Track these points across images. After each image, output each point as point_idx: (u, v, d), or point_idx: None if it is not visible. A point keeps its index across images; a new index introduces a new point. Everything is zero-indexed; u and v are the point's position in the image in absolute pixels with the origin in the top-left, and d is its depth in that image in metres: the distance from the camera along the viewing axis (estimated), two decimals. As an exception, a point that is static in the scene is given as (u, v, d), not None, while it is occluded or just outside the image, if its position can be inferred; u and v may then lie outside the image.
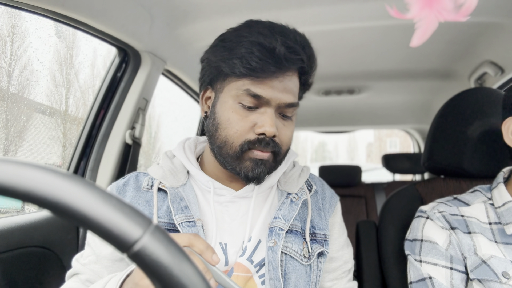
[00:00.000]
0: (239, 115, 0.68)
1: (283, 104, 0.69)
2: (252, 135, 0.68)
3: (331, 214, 0.83)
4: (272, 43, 0.64)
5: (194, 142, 0.86)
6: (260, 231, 0.73)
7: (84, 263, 0.73)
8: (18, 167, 0.26)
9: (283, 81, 0.68)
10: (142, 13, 1.16)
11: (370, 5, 1.17)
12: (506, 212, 0.79)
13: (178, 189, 0.75)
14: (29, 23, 1.29)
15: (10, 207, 1.23)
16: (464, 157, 1.00)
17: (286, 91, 0.68)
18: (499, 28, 1.29)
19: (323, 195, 0.85)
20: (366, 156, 31.37)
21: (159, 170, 0.78)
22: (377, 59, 1.74)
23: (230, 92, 0.69)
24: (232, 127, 0.68)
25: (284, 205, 0.76)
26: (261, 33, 0.65)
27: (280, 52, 0.64)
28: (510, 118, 0.79)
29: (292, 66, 0.68)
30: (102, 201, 0.27)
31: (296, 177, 0.83)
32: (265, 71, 0.64)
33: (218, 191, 0.76)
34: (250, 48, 0.64)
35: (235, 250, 0.72)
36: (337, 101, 2.51)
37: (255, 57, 0.64)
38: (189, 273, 0.27)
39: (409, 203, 1.06)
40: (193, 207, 0.73)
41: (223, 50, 0.69)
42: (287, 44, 0.65)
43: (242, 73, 0.65)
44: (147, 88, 1.39)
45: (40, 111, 1.52)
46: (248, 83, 0.66)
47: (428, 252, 0.82)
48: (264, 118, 0.67)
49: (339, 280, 0.82)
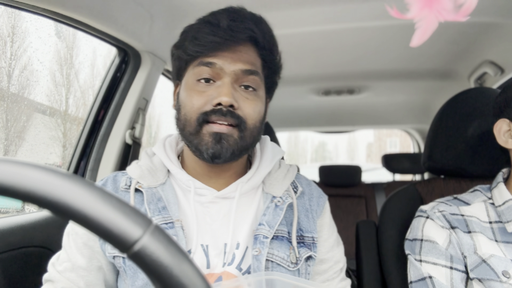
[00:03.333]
0: (197, 91, 0.69)
1: (239, 71, 0.68)
2: (208, 107, 0.67)
3: (320, 215, 0.80)
4: (218, 18, 0.68)
5: (175, 139, 0.83)
6: (247, 237, 0.71)
7: (60, 270, 0.71)
8: (18, 167, 0.26)
9: (235, 52, 0.69)
10: (142, 13, 1.16)
11: (370, 5, 1.17)
12: (507, 210, 0.79)
13: (156, 188, 0.73)
14: (29, 23, 1.30)
15: (10, 207, 1.23)
16: (464, 157, 1.00)
17: (240, 60, 0.69)
18: (499, 28, 1.29)
19: (311, 196, 0.82)
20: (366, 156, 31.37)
21: (137, 169, 0.76)
22: (377, 59, 1.74)
23: (188, 76, 0.71)
24: (189, 102, 0.69)
25: (269, 210, 0.73)
26: (210, 15, 0.71)
27: (224, 24, 0.67)
28: (500, 121, 0.83)
29: (240, 36, 0.68)
30: (102, 201, 0.27)
31: (281, 179, 0.79)
32: (214, 44, 0.67)
33: (199, 190, 0.73)
34: (197, 27, 0.70)
35: (217, 253, 0.69)
36: (337, 101, 2.51)
37: (202, 32, 0.68)
38: (189, 273, 0.27)
39: (409, 203, 1.06)
40: (172, 207, 0.71)
41: (180, 41, 0.74)
42: (232, 17, 0.68)
43: (195, 51, 0.68)
44: (147, 88, 1.39)
45: (40, 111, 1.53)
46: (201, 59, 0.69)
47: (428, 251, 0.82)
48: (220, 89, 0.67)
49: (330, 281, 0.79)
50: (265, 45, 0.73)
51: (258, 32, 0.70)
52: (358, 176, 2.71)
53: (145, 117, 1.43)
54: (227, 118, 0.66)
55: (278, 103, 2.47)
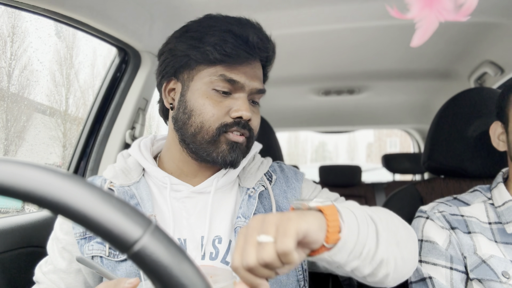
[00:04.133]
0: (213, 100, 0.70)
1: (255, 90, 0.73)
2: (228, 119, 0.70)
3: (300, 186, 0.81)
4: (245, 32, 0.69)
5: (150, 141, 0.85)
6: (228, 231, 0.73)
7: (44, 272, 0.75)
8: (18, 167, 0.26)
9: (253, 68, 0.72)
10: (142, 13, 1.16)
11: (370, 5, 1.17)
12: (506, 211, 0.79)
13: (129, 187, 0.75)
14: (29, 23, 1.30)
15: (10, 207, 1.23)
16: (464, 157, 1.00)
17: (257, 77, 0.73)
18: (499, 28, 1.29)
19: (286, 178, 0.83)
20: (366, 156, 31.37)
21: (111, 171, 0.78)
22: (377, 59, 1.74)
23: (203, 79, 0.70)
24: (208, 111, 0.69)
25: (244, 202, 0.75)
26: (230, 23, 0.70)
27: (254, 41, 0.68)
28: (495, 123, 0.86)
29: (262, 55, 0.73)
30: (102, 201, 0.27)
31: (254, 171, 0.81)
32: (240, 57, 0.68)
33: (175, 186, 0.75)
34: (222, 36, 0.68)
35: (194, 246, 0.71)
36: (337, 101, 2.51)
37: (230, 44, 0.67)
38: (189, 273, 0.27)
39: (409, 203, 1.06)
40: (146, 203, 0.72)
41: (190, 39, 0.71)
42: (258, 34, 0.70)
43: (216, 59, 0.68)
44: (147, 88, 1.39)
45: (40, 111, 1.52)
46: (222, 69, 0.69)
47: (428, 252, 0.82)
48: (239, 103, 0.70)
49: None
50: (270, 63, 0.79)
51: (271, 53, 0.75)
52: (358, 176, 2.71)
53: (145, 117, 1.43)
54: (244, 131, 0.72)
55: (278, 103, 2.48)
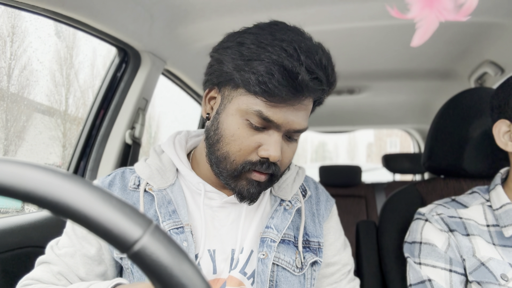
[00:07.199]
0: (244, 132, 0.63)
1: (292, 130, 0.65)
2: (254, 157, 0.64)
3: (326, 219, 0.79)
4: (296, 68, 0.57)
5: (185, 137, 0.80)
6: (252, 240, 0.70)
7: (59, 254, 0.69)
8: (18, 167, 0.26)
9: (297, 108, 0.63)
10: (142, 13, 1.16)
11: (370, 5, 1.17)
12: (504, 214, 0.78)
13: (166, 190, 0.71)
14: (29, 23, 1.29)
15: (10, 207, 1.23)
16: (464, 157, 1.00)
17: (298, 117, 0.64)
18: (499, 28, 1.29)
19: (318, 200, 0.81)
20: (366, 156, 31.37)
21: (146, 169, 0.73)
22: (377, 59, 1.74)
23: (239, 105, 0.63)
24: (236, 144, 0.63)
25: (277, 213, 0.73)
26: (284, 50, 0.58)
27: (303, 80, 0.58)
28: (499, 121, 0.81)
29: (312, 96, 0.64)
30: (102, 201, 0.27)
31: (290, 182, 0.78)
32: (282, 97, 0.59)
33: (208, 194, 0.72)
34: (270, 68, 0.57)
35: (223, 258, 0.69)
36: (337, 101, 2.51)
37: (274, 80, 0.57)
38: (189, 273, 0.27)
39: (409, 203, 1.06)
40: (181, 210, 0.69)
41: (239, 57, 0.61)
42: (311, 69, 0.59)
43: (255, 91, 0.60)
44: (147, 88, 1.39)
45: (40, 111, 1.52)
46: (260, 103, 0.61)
47: (428, 254, 0.82)
48: (270, 141, 0.63)
49: (338, 283, 0.79)
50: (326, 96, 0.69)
51: (327, 88, 0.65)
52: (358, 176, 2.71)
53: (145, 117, 1.43)
54: (268, 170, 0.65)
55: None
